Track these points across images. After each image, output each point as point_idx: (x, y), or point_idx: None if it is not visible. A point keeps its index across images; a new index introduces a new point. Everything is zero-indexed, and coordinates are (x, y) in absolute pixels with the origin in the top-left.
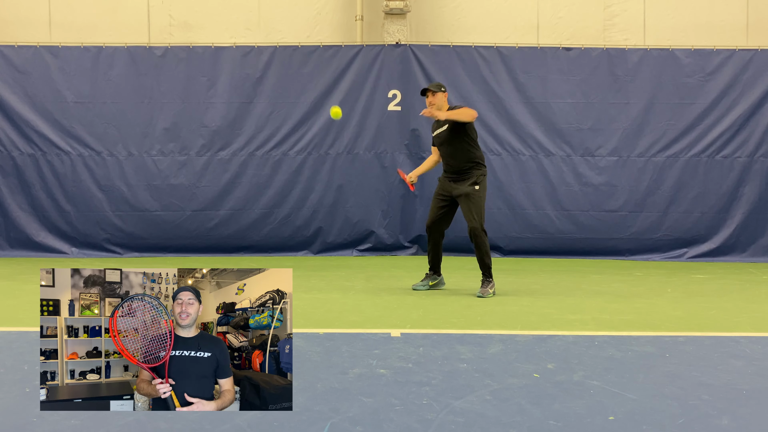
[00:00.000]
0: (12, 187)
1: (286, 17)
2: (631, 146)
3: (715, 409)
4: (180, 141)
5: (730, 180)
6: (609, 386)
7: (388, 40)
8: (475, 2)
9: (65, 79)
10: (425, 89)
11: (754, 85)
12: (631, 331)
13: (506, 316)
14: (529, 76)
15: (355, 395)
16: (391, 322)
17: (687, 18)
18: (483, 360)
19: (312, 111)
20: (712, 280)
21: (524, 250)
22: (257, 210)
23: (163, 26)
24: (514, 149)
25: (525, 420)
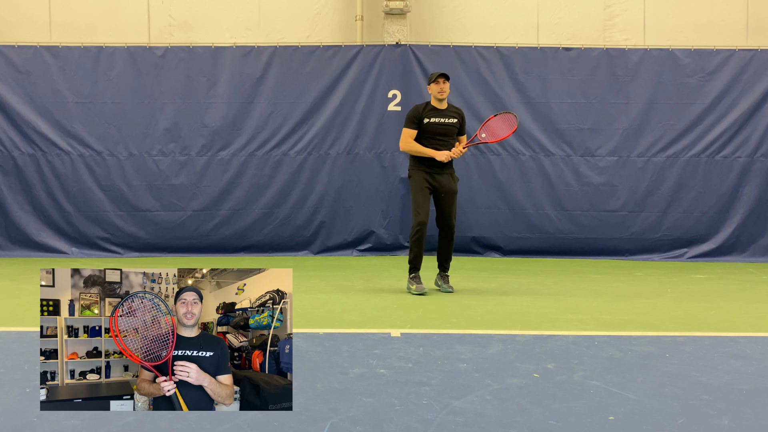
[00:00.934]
0: (12, 187)
1: (286, 17)
2: (631, 146)
3: (715, 409)
4: (180, 141)
5: (730, 180)
6: (609, 386)
7: (388, 40)
8: (475, 2)
9: (65, 79)
10: (444, 74)
11: (754, 85)
12: (631, 331)
13: (506, 316)
14: (529, 76)
15: (355, 395)
16: (391, 322)
17: (687, 18)
18: (483, 360)
19: (312, 111)
20: (712, 280)
21: (524, 250)
22: (257, 210)
23: (163, 26)
24: (514, 149)
25: (525, 420)
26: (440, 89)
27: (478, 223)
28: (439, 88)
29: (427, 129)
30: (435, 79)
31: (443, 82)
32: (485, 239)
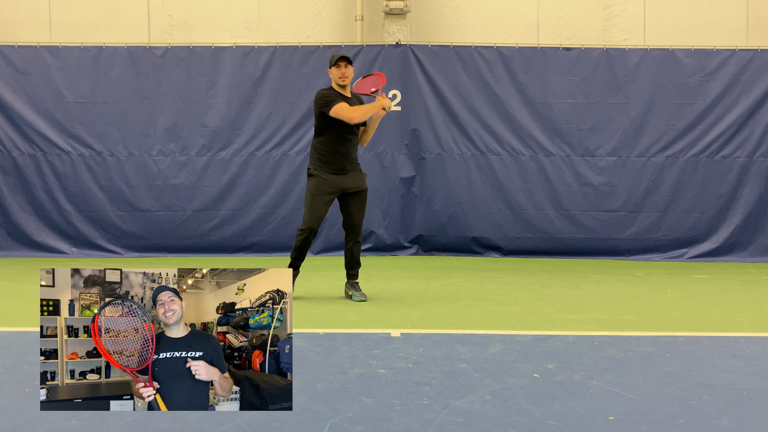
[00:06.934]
0: (12, 187)
1: (286, 17)
2: (631, 146)
3: (715, 409)
4: (180, 141)
5: (729, 180)
6: (609, 386)
7: (388, 40)
8: (475, 2)
9: (65, 79)
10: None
11: (754, 85)
12: (631, 331)
13: (506, 316)
14: (529, 76)
15: (355, 395)
16: (391, 322)
17: (687, 18)
18: (483, 360)
19: (312, 111)
20: (712, 280)
21: (524, 250)
22: (257, 210)
23: (163, 26)
24: (514, 149)
25: (525, 420)
26: (341, 74)
27: (478, 223)
28: (340, 72)
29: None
30: (335, 63)
31: (345, 65)
32: (485, 239)
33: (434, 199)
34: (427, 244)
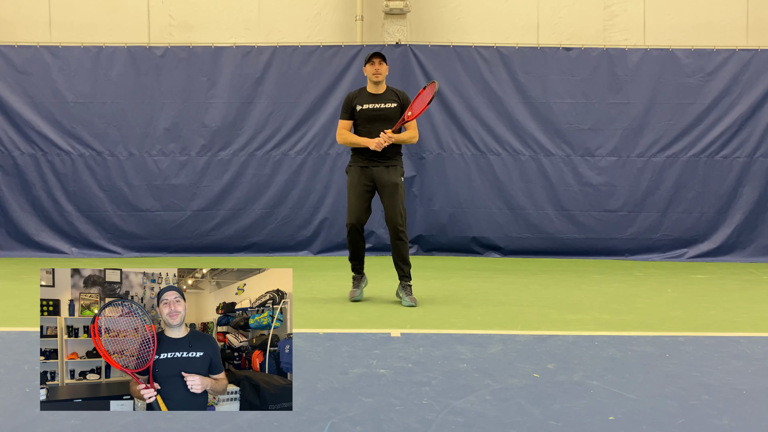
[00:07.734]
0: (12, 187)
1: (286, 17)
2: (631, 146)
3: (715, 409)
4: (180, 141)
5: (729, 180)
6: (609, 386)
7: (388, 40)
8: (475, 2)
9: (65, 79)
10: (379, 54)
11: (754, 85)
12: (631, 331)
13: (506, 316)
14: (529, 76)
15: (355, 395)
16: (391, 322)
17: (687, 18)
18: (483, 360)
19: (312, 111)
20: (712, 280)
21: (524, 250)
22: (257, 210)
23: (163, 26)
24: (514, 149)
25: (525, 420)
26: (375, 70)
27: (478, 223)
28: (374, 69)
29: (360, 116)
30: (370, 59)
31: (379, 62)
32: (485, 239)
33: (434, 199)
34: (427, 244)
